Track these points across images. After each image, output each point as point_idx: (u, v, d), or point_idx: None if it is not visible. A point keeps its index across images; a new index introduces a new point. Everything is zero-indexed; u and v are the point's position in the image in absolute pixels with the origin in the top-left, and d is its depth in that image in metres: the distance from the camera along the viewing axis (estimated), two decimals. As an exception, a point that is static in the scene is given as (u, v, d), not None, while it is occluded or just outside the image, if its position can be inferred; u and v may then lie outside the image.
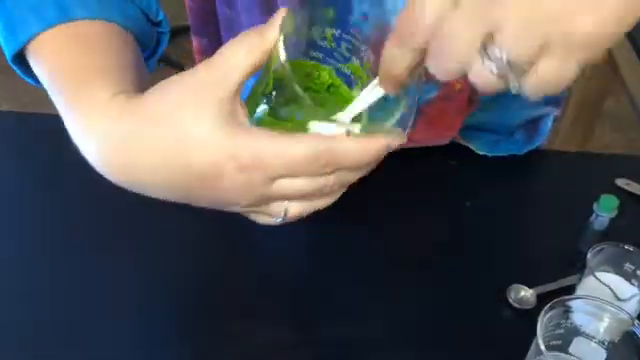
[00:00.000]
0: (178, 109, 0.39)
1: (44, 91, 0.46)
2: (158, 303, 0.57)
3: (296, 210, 0.43)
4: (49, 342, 0.54)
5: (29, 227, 0.64)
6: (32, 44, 0.45)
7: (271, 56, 0.40)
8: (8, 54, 0.47)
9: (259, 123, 0.41)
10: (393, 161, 0.70)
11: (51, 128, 0.77)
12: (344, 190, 0.44)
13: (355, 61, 0.45)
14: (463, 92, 0.68)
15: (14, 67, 0.49)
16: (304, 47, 0.41)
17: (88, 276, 0.59)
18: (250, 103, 0.42)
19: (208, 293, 0.59)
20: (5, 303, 0.57)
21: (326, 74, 0.45)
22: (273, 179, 0.40)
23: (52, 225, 0.64)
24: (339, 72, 0.45)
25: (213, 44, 0.72)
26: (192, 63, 0.78)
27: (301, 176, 0.40)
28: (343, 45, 0.44)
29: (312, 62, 0.45)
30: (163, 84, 0.40)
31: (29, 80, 0.50)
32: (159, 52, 0.55)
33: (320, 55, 0.45)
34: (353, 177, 0.42)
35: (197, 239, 0.63)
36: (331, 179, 0.41)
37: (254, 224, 0.65)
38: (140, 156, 0.40)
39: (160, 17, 0.53)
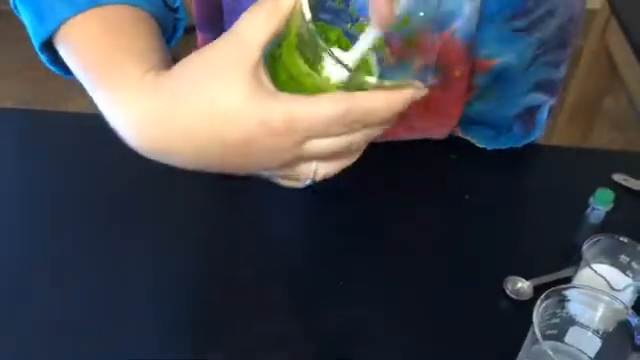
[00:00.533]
0: (207, 83, 0.40)
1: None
2: (157, 301, 0.58)
3: (324, 170, 0.43)
4: (49, 342, 0.54)
5: (29, 226, 0.65)
6: (61, 30, 0.46)
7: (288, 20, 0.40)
8: (36, 42, 0.48)
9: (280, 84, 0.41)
10: (393, 153, 0.71)
11: (56, 125, 0.78)
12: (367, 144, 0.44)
13: (363, 21, 0.45)
14: (462, 79, 0.69)
15: (41, 56, 0.50)
16: (313, 8, 0.42)
17: (88, 276, 0.59)
18: (270, 67, 0.42)
19: (206, 288, 0.60)
20: (5, 303, 0.57)
21: (334, 35, 0.45)
22: (304, 140, 0.40)
23: (52, 225, 0.65)
24: (347, 33, 0.45)
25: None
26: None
27: (331, 135, 0.41)
28: (351, 5, 0.45)
29: (320, 23, 0.44)
30: (187, 60, 0.42)
31: (55, 69, 0.52)
32: (176, 38, 0.56)
33: (328, 17, 0.45)
34: (378, 132, 0.42)
35: (195, 236, 0.63)
36: (358, 136, 0.41)
37: (253, 217, 0.66)
38: (174, 128, 0.41)
39: (177, 4, 0.54)
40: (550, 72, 0.74)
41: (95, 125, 0.47)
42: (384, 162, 0.70)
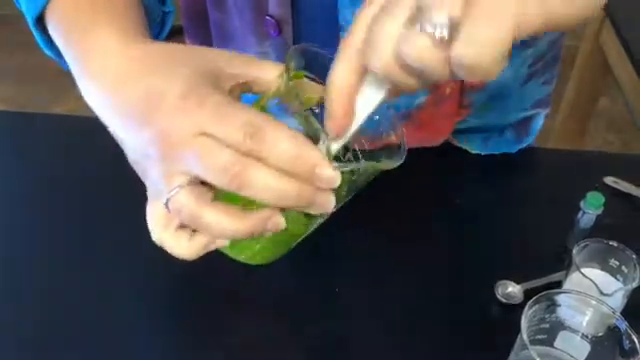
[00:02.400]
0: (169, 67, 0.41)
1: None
2: (155, 303, 0.58)
3: (184, 198, 0.39)
4: (49, 342, 0.54)
5: (29, 227, 0.65)
6: (49, 6, 0.47)
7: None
8: (30, 19, 0.49)
9: None
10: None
11: (53, 128, 0.78)
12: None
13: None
14: (453, 96, 0.69)
15: (36, 34, 0.51)
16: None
17: (87, 276, 0.59)
18: None
19: (194, 291, 0.59)
20: (6, 303, 0.57)
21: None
22: (200, 130, 0.38)
23: (52, 225, 0.65)
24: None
25: (205, 45, 0.73)
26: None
27: (225, 139, 0.37)
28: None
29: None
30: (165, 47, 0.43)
31: (50, 53, 0.52)
32: (165, 31, 0.57)
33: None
34: (262, 178, 0.37)
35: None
36: (242, 162, 0.37)
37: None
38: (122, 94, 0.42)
39: None
40: (545, 90, 0.75)
41: (85, 126, 0.47)
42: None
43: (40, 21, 0.49)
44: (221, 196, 0.40)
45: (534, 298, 0.47)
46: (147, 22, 0.49)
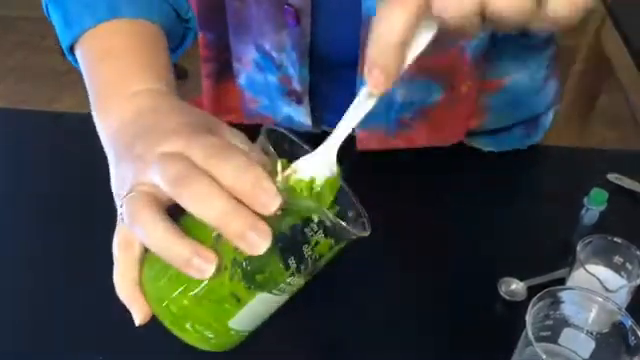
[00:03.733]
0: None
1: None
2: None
3: (133, 199, 0.38)
4: (49, 342, 0.55)
5: (29, 227, 0.65)
6: (82, 38, 0.51)
7: None
8: (64, 45, 0.52)
9: None
10: (390, 155, 0.71)
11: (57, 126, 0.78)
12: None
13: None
14: (469, 96, 0.69)
15: (68, 57, 0.54)
16: None
17: (82, 275, 0.59)
18: None
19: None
20: (7, 303, 0.57)
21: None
22: (172, 150, 0.38)
23: (53, 225, 0.65)
24: None
25: (219, 39, 0.73)
26: (196, 67, 0.78)
27: (190, 157, 0.37)
28: None
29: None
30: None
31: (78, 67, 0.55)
32: (184, 47, 0.60)
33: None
34: (204, 189, 0.36)
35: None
36: (193, 173, 0.37)
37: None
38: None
39: (189, 15, 0.57)
40: (555, 86, 0.75)
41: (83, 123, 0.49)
42: (382, 164, 0.70)
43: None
44: (189, 229, 0.38)
45: (538, 295, 0.47)
46: (169, 57, 0.52)
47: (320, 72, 0.68)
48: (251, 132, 0.48)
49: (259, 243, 0.35)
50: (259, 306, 0.41)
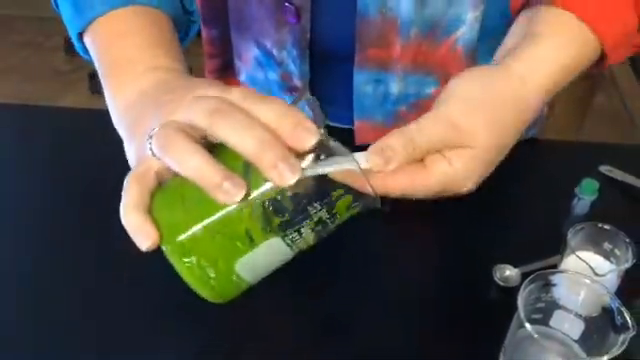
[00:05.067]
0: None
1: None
2: (157, 303, 0.58)
3: (166, 127, 0.40)
4: (49, 342, 0.55)
5: (27, 223, 0.66)
6: (92, 25, 0.52)
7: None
8: (73, 32, 0.53)
9: None
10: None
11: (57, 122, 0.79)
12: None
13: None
14: None
15: (77, 45, 0.55)
16: None
17: (88, 274, 0.60)
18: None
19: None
20: (8, 303, 0.58)
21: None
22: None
23: (55, 224, 0.66)
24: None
25: (222, 35, 0.75)
26: (199, 63, 0.80)
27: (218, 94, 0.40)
28: None
29: None
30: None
31: (87, 57, 0.57)
32: (188, 39, 0.61)
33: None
34: (239, 120, 0.38)
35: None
36: (226, 106, 0.39)
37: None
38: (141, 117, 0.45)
39: (193, 7, 0.58)
40: None
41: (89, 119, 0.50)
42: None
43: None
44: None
45: (530, 277, 0.49)
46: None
47: (319, 67, 0.70)
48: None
49: (289, 175, 0.36)
50: (267, 254, 0.42)
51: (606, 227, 0.56)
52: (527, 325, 0.46)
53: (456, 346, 0.55)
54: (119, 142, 0.48)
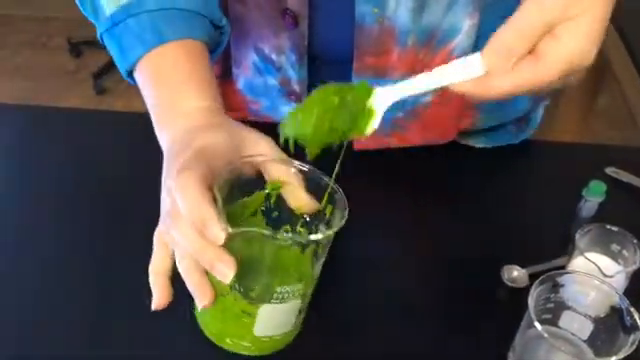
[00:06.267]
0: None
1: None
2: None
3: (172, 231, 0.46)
4: (49, 342, 0.55)
5: (30, 222, 0.66)
6: (137, 65, 0.56)
7: None
8: (122, 72, 0.58)
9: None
10: (392, 152, 0.73)
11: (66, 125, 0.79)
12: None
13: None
14: (460, 95, 0.71)
15: (130, 81, 0.59)
16: None
17: (90, 273, 0.61)
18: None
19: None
20: (9, 303, 0.58)
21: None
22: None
23: (59, 225, 0.65)
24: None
25: None
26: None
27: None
28: None
29: None
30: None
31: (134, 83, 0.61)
32: (220, 49, 0.63)
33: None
34: (179, 233, 0.45)
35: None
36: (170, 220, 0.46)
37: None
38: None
39: (223, 22, 0.61)
40: None
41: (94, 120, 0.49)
42: (384, 162, 0.73)
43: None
44: None
45: (540, 278, 0.50)
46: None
47: (316, 71, 0.71)
48: (258, 128, 0.51)
49: (226, 272, 0.43)
50: (272, 314, 0.48)
51: (614, 229, 0.57)
52: (537, 325, 0.46)
53: (465, 346, 0.56)
54: (123, 143, 0.48)
